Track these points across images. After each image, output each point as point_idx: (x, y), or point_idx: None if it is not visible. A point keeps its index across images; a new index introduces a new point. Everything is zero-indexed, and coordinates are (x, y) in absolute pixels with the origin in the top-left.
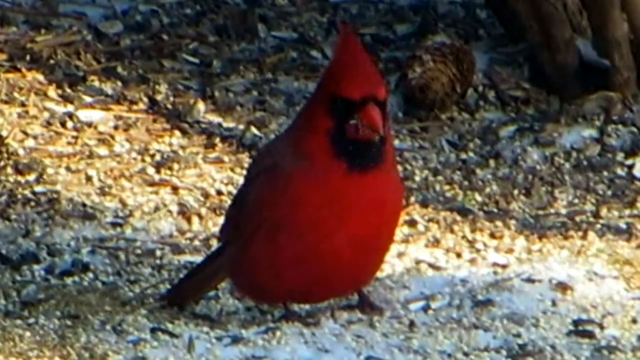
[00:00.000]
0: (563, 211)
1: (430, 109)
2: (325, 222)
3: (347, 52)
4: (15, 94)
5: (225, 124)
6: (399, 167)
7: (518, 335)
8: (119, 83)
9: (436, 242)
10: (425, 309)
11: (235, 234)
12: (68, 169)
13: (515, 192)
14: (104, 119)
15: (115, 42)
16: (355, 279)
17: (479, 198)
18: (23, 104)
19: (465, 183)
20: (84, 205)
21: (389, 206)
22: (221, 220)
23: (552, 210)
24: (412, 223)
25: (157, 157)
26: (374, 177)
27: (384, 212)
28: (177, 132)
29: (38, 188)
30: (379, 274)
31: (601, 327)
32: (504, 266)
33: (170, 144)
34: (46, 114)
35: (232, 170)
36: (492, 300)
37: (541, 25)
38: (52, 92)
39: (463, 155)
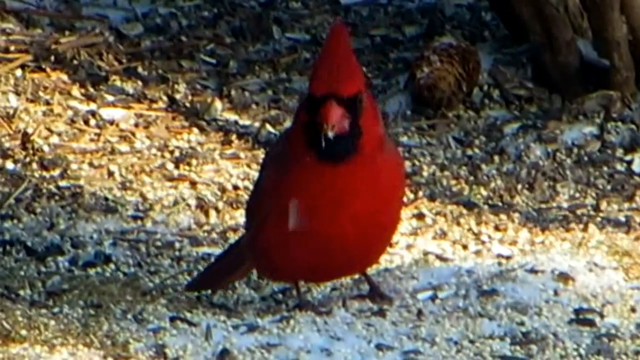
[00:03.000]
0: (565, 205)
1: (438, 107)
2: (317, 208)
3: (326, 48)
4: (40, 93)
5: (241, 122)
6: (408, 163)
7: (522, 324)
8: (140, 82)
9: (443, 235)
10: (433, 298)
11: (252, 220)
12: (91, 164)
13: (519, 186)
14: (125, 117)
15: (136, 43)
16: (359, 258)
17: (484, 192)
18: (48, 103)
19: (471, 178)
20: (106, 199)
21: (376, 190)
22: (237, 213)
23: (554, 204)
24: (420, 216)
25: (176, 153)
26: (348, 167)
27: (374, 196)
28: (195, 130)
29: (62, 183)
30: (388, 265)
31: (601, 315)
32: (508, 257)
33: (189, 141)
34: (70, 112)
35: (248, 166)
36: (496, 290)
37: (544, 26)
38: (75, 91)
39: (469, 152)
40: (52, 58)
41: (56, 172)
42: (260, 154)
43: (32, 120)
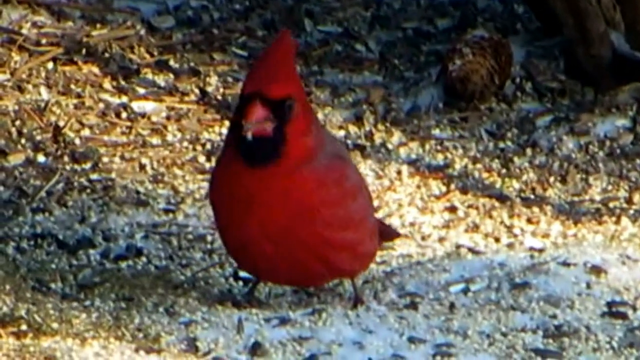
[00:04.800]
0: (597, 197)
1: (470, 100)
2: (232, 213)
3: (266, 50)
4: (72, 86)
5: None
6: (440, 156)
7: (554, 317)
8: (171, 75)
9: (475, 227)
10: (465, 291)
11: None
12: (122, 157)
13: (552, 179)
14: (157, 110)
15: (167, 36)
16: (296, 270)
17: (516, 185)
18: (79, 96)
19: (503, 170)
20: (138, 192)
21: (295, 201)
22: None
23: (586, 197)
24: (452, 209)
25: (208, 146)
26: (266, 172)
27: (291, 207)
28: (226, 122)
29: (94, 176)
30: (420, 258)
31: (634, 308)
32: (540, 250)
33: (220, 134)
34: (101, 105)
35: None
36: (529, 282)
37: (576, 19)
38: (107, 84)
39: (501, 144)
40: (84, 51)
41: (87, 165)
42: None
43: (63, 113)
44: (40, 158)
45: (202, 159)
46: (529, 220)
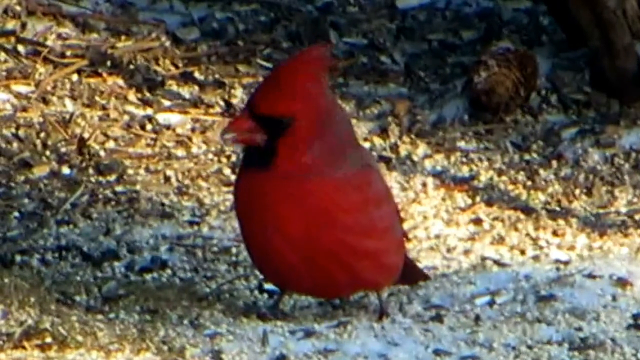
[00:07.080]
0: (623, 210)
1: (495, 112)
2: (248, 219)
3: (282, 63)
4: (97, 98)
5: None
6: (465, 168)
7: (580, 329)
8: (196, 87)
9: (501, 240)
10: (491, 303)
11: None
12: (147, 169)
13: (577, 191)
14: (182, 122)
15: (192, 47)
16: (325, 281)
17: (542, 197)
18: (104, 108)
19: (529, 183)
20: (163, 204)
21: (311, 207)
22: None
23: (612, 209)
24: (477, 221)
25: (233, 158)
26: (261, 176)
27: (307, 213)
28: None
29: (118, 188)
30: (445, 270)
31: None
32: (566, 263)
33: None
34: (126, 117)
35: None
36: (554, 295)
37: (601, 31)
38: (131, 96)
39: (526, 156)
40: (109, 63)
41: (112, 177)
42: None
43: (88, 125)
44: (65, 170)
45: (227, 171)
46: (555, 233)
